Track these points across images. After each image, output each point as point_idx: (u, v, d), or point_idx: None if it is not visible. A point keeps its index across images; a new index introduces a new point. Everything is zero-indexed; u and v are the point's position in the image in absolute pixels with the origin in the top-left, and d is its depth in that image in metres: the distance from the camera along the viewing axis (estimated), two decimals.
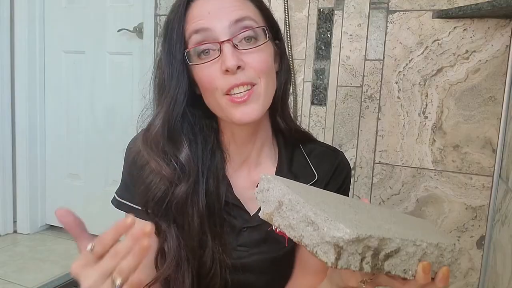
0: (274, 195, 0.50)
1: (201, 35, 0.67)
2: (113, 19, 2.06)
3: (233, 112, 0.67)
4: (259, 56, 0.68)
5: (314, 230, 0.44)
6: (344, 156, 0.83)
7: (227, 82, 0.66)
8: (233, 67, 0.64)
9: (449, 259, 0.53)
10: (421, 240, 0.48)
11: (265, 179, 0.52)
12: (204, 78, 0.68)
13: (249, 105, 0.67)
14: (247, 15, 0.68)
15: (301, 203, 0.46)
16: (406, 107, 1.46)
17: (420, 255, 0.49)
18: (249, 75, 0.67)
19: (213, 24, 0.66)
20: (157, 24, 1.87)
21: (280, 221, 0.49)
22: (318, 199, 0.50)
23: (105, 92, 2.15)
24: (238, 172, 0.77)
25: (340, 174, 0.81)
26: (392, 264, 0.47)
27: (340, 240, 0.42)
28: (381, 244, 0.45)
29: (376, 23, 1.48)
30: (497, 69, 1.34)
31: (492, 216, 1.37)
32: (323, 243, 0.43)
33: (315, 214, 0.44)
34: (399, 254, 0.47)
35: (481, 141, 1.38)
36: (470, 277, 1.43)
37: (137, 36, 1.99)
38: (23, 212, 2.30)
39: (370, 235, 0.43)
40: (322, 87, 1.57)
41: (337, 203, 0.52)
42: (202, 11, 0.67)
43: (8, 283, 1.80)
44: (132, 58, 2.04)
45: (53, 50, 2.25)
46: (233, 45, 0.66)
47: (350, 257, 0.43)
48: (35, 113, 2.28)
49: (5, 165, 2.23)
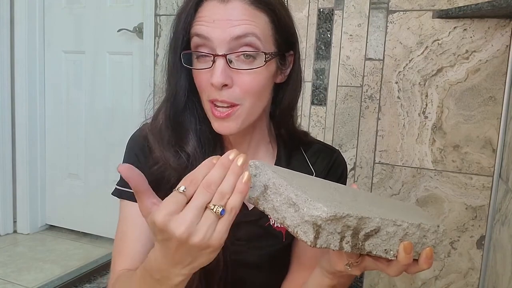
0: (260, 180, 0.50)
1: (201, 40, 0.66)
2: (113, 19, 2.06)
3: (213, 122, 0.69)
4: (251, 78, 0.66)
5: (295, 211, 0.45)
6: (340, 154, 0.84)
7: (212, 94, 0.67)
8: (218, 84, 0.64)
9: (433, 240, 0.52)
10: (402, 221, 0.49)
11: (253, 165, 0.52)
12: (197, 81, 0.69)
13: (227, 122, 0.68)
14: (251, 31, 0.65)
15: (284, 186, 0.47)
16: (406, 107, 1.46)
17: (402, 235, 0.49)
18: (234, 95, 0.66)
19: (214, 34, 0.65)
20: (157, 24, 1.87)
21: (265, 205, 0.49)
22: (303, 182, 0.50)
23: (105, 92, 2.15)
24: None
25: (336, 171, 0.82)
26: (372, 244, 0.48)
27: (318, 218, 0.43)
28: (360, 223, 0.45)
29: (376, 23, 1.48)
30: (497, 69, 1.34)
31: (492, 216, 1.37)
32: (303, 222, 0.44)
33: (296, 196, 0.45)
34: (379, 234, 0.47)
35: (481, 141, 1.38)
36: (470, 277, 1.43)
37: (137, 36, 1.99)
38: (23, 212, 2.30)
39: (348, 214, 0.44)
40: (322, 87, 1.57)
41: (323, 188, 0.53)
42: (209, 17, 0.66)
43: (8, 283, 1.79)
44: (132, 58, 2.04)
45: (53, 50, 2.25)
46: (226, 62, 0.65)
47: (329, 236, 0.44)
48: (35, 113, 2.28)
49: (5, 165, 2.23)
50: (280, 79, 0.74)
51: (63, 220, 2.33)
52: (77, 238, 2.25)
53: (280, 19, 0.69)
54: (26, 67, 2.21)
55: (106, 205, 1.97)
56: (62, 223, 2.33)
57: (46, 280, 1.81)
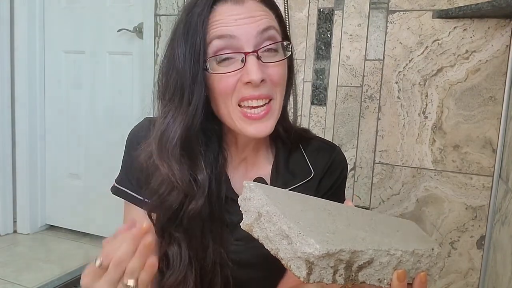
0: (254, 205, 0.49)
1: (224, 42, 0.65)
2: (113, 19, 2.06)
3: (245, 127, 0.67)
4: (279, 70, 0.68)
5: (288, 244, 0.44)
6: (340, 151, 0.84)
7: (246, 92, 0.65)
8: (258, 80, 0.64)
9: (427, 264, 0.52)
10: (395, 249, 0.48)
11: (247, 187, 0.51)
12: (221, 87, 0.66)
13: (264, 122, 0.67)
14: (271, 24, 0.67)
15: (277, 215, 0.46)
16: (406, 107, 1.46)
17: (395, 263, 0.49)
18: (268, 89, 0.67)
19: (240, 32, 0.64)
20: (157, 24, 1.87)
21: (259, 233, 0.48)
22: (297, 208, 0.49)
23: (105, 92, 2.15)
24: (236, 170, 0.79)
25: (336, 169, 0.82)
26: (366, 274, 0.47)
27: (310, 256, 0.42)
28: (353, 256, 0.45)
29: (376, 23, 1.48)
30: (497, 69, 1.34)
31: (492, 216, 1.37)
32: (296, 258, 0.43)
33: (289, 228, 0.44)
34: (372, 264, 0.47)
35: (481, 141, 1.38)
36: (470, 277, 1.43)
37: (137, 36, 1.99)
38: (23, 212, 2.30)
39: (340, 249, 0.43)
40: (322, 87, 1.57)
41: (317, 212, 0.52)
42: (229, 17, 0.65)
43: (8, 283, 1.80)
44: (132, 58, 2.04)
45: (53, 50, 2.25)
46: (257, 57, 0.65)
47: (322, 271, 0.43)
48: (35, 113, 2.28)
49: (5, 165, 2.23)
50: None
51: (63, 220, 2.33)
52: (77, 238, 2.25)
53: (279, 12, 0.73)
54: (26, 67, 2.22)
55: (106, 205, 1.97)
56: (62, 223, 2.34)
57: (46, 280, 1.81)
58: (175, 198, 0.68)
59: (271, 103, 0.68)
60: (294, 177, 0.79)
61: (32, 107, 2.26)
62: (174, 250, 0.70)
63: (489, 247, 1.38)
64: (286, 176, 0.78)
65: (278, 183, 0.77)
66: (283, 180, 0.78)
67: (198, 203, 0.68)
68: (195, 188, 0.68)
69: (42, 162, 2.33)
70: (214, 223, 0.72)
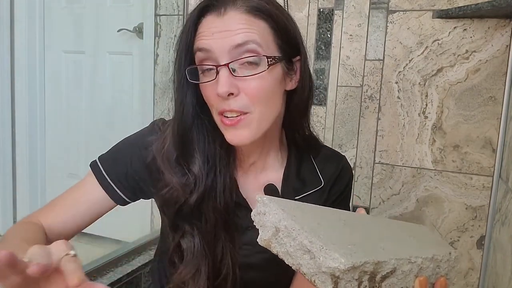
0: (270, 220, 0.49)
1: (203, 54, 0.68)
2: (113, 19, 2.06)
3: (224, 133, 0.69)
4: (257, 84, 0.66)
5: (310, 258, 0.44)
6: (347, 161, 0.86)
7: (221, 105, 0.67)
8: (223, 93, 0.65)
9: (446, 268, 0.53)
10: (416, 257, 0.49)
11: (261, 201, 0.51)
12: (204, 95, 0.70)
13: (238, 130, 0.68)
14: (251, 39, 0.65)
15: (297, 230, 0.46)
16: (406, 107, 1.46)
17: (416, 271, 0.49)
18: (242, 103, 0.66)
19: (214, 46, 0.66)
20: (157, 24, 1.87)
21: (279, 248, 0.48)
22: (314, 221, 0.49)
23: (105, 92, 2.15)
24: (246, 174, 0.79)
25: (344, 178, 0.84)
26: (389, 284, 0.47)
27: (336, 270, 0.42)
28: (377, 267, 0.45)
29: (376, 23, 1.48)
30: (497, 69, 1.34)
31: (492, 216, 1.37)
32: (320, 272, 0.43)
33: (311, 243, 0.44)
34: (395, 274, 0.47)
35: (481, 141, 1.38)
36: (470, 277, 1.43)
37: (137, 36, 1.99)
38: (23, 212, 2.30)
39: (365, 261, 0.43)
40: (322, 87, 1.57)
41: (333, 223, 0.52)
42: (208, 30, 0.67)
43: None
44: (132, 58, 2.04)
45: (53, 50, 2.25)
46: (229, 70, 0.65)
47: (347, 284, 0.43)
48: (35, 113, 2.28)
49: (5, 165, 2.23)
50: (290, 86, 0.74)
51: None
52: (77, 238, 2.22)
53: (279, 23, 0.69)
54: (26, 67, 2.21)
55: None
56: None
57: None
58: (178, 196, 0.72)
59: (246, 116, 0.67)
60: (304, 185, 0.79)
61: (32, 107, 2.26)
62: (188, 242, 0.73)
63: (489, 247, 1.38)
64: (297, 183, 0.79)
65: (289, 190, 0.78)
66: (294, 188, 0.78)
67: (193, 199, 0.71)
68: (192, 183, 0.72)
69: (42, 162, 2.33)
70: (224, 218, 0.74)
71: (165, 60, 1.87)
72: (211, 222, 0.73)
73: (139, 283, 1.45)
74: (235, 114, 0.67)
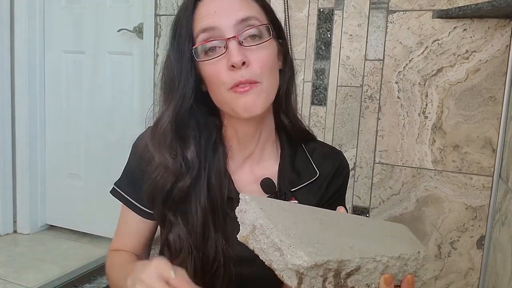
0: (249, 218, 0.52)
1: (208, 34, 0.69)
2: (113, 19, 2.06)
3: (237, 104, 0.69)
4: (263, 53, 0.70)
5: (280, 255, 0.47)
6: (344, 157, 0.86)
7: (232, 78, 0.68)
8: (238, 62, 0.66)
9: (414, 266, 0.55)
10: (381, 255, 0.51)
11: (243, 200, 0.54)
12: (211, 74, 0.70)
13: (251, 96, 0.69)
14: (252, 14, 0.70)
15: (270, 228, 0.49)
16: (406, 107, 1.46)
17: (382, 268, 0.51)
18: (253, 72, 0.69)
19: (219, 22, 0.68)
20: (157, 24, 1.87)
21: (255, 245, 0.51)
22: (289, 220, 0.52)
23: (105, 92, 2.15)
24: (240, 168, 0.79)
25: (341, 174, 0.84)
26: (354, 280, 0.50)
27: (300, 267, 0.45)
28: (341, 265, 0.47)
29: (376, 23, 1.48)
30: (497, 69, 1.34)
31: (492, 216, 1.37)
32: (287, 269, 0.46)
33: (281, 241, 0.47)
34: (360, 271, 0.50)
35: (481, 141, 1.38)
36: (470, 277, 1.43)
37: (137, 36, 1.99)
38: (23, 212, 2.30)
39: (328, 260, 0.46)
40: (322, 87, 1.57)
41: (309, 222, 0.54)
42: (209, 10, 0.70)
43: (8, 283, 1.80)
44: (132, 58, 2.04)
45: (53, 50, 2.25)
46: (238, 42, 0.68)
47: (312, 280, 0.46)
48: (35, 113, 2.28)
49: (5, 165, 2.23)
50: (279, 65, 0.77)
51: (63, 220, 2.33)
52: (77, 238, 2.25)
53: (268, 7, 0.75)
54: (26, 67, 2.21)
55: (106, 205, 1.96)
56: (62, 223, 2.33)
57: (46, 280, 1.81)
58: (166, 179, 0.72)
59: (257, 85, 0.69)
60: (299, 177, 0.80)
61: (32, 107, 2.26)
62: (174, 234, 0.74)
63: (489, 247, 1.38)
64: (292, 176, 0.79)
65: (285, 183, 0.78)
66: (290, 180, 0.79)
67: (185, 182, 0.72)
68: (184, 168, 0.72)
69: (42, 162, 2.33)
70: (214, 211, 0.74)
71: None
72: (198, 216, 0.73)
73: None
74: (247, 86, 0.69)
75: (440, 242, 1.46)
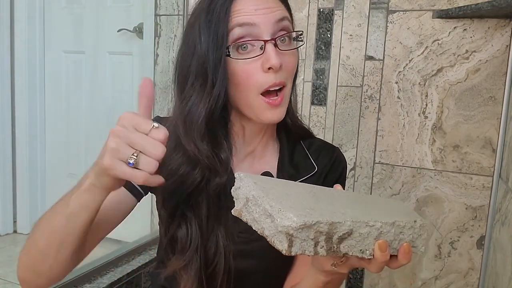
0: (243, 192, 0.53)
1: (244, 30, 0.68)
2: (113, 19, 2.06)
3: (263, 113, 0.71)
4: (293, 58, 0.72)
5: (271, 221, 0.47)
6: (340, 151, 0.88)
7: (267, 80, 0.69)
8: (278, 65, 0.67)
9: (410, 235, 0.54)
10: (374, 220, 0.50)
11: (238, 177, 0.55)
12: (242, 74, 0.70)
13: (280, 109, 0.71)
14: (286, 15, 0.72)
15: (261, 197, 0.49)
16: (406, 107, 1.46)
17: (376, 234, 0.50)
18: (284, 76, 0.70)
19: (259, 20, 0.69)
20: (157, 24, 1.87)
21: (247, 216, 0.52)
22: (282, 191, 0.52)
23: (105, 92, 2.15)
24: (242, 163, 0.80)
25: (338, 168, 0.85)
26: (347, 245, 0.49)
27: (289, 228, 0.45)
28: (332, 228, 0.47)
29: (376, 23, 1.48)
30: (497, 69, 1.34)
31: (492, 216, 1.37)
32: (278, 232, 0.46)
33: (271, 207, 0.47)
34: (352, 236, 0.49)
35: (481, 141, 1.38)
36: (470, 277, 1.43)
37: (137, 36, 1.99)
38: (23, 212, 2.30)
39: (318, 221, 0.46)
40: (322, 87, 1.57)
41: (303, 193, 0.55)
42: (249, 6, 0.69)
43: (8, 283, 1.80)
44: (132, 58, 2.04)
45: (53, 50, 2.25)
46: (275, 45, 0.69)
47: (303, 243, 0.46)
48: (35, 113, 2.28)
49: (5, 165, 2.23)
50: None
51: None
52: None
53: (290, 8, 0.77)
54: (26, 67, 2.22)
55: None
56: None
57: None
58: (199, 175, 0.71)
59: (284, 90, 0.71)
60: (298, 171, 0.81)
61: (32, 107, 2.26)
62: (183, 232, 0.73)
63: (489, 247, 1.38)
64: (290, 170, 0.80)
65: (284, 177, 0.79)
66: (289, 174, 0.79)
67: (222, 179, 0.71)
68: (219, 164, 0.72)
69: (42, 162, 2.33)
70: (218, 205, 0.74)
71: (165, 60, 1.87)
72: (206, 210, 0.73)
73: (139, 283, 1.45)
74: (277, 88, 0.70)
75: (440, 242, 1.46)
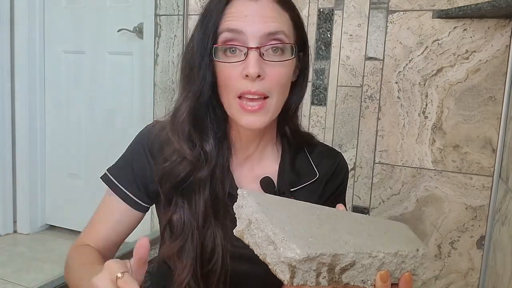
0: (245, 213, 0.52)
1: (232, 35, 0.68)
2: (113, 19, 2.06)
3: (240, 117, 0.70)
4: (280, 70, 0.70)
5: (274, 249, 0.46)
6: (343, 157, 0.87)
7: (243, 86, 0.68)
8: (254, 74, 0.66)
9: (412, 264, 0.54)
10: (377, 251, 0.50)
11: (241, 195, 0.53)
12: (224, 76, 0.70)
13: (257, 116, 0.70)
14: (281, 29, 0.69)
15: (265, 222, 0.48)
16: (406, 107, 1.46)
17: (378, 265, 0.50)
18: (265, 86, 0.68)
19: (247, 28, 0.67)
20: (157, 24, 1.87)
21: (250, 239, 0.51)
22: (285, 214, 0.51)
23: (105, 92, 2.15)
24: (241, 166, 0.80)
25: (340, 174, 0.84)
26: (349, 276, 0.49)
27: (292, 260, 0.44)
28: (334, 259, 0.46)
29: (376, 23, 1.48)
30: (497, 69, 1.34)
31: (492, 216, 1.37)
32: (280, 262, 0.45)
33: (274, 234, 0.46)
34: (355, 267, 0.48)
35: (481, 141, 1.38)
36: (470, 277, 1.43)
37: (137, 36, 1.99)
38: (23, 212, 2.30)
39: (321, 253, 0.45)
40: (322, 87, 1.57)
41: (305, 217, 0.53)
42: (240, 12, 0.68)
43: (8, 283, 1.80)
44: (132, 58, 2.04)
45: (53, 50, 2.25)
46: (259, 54, 0.67)
47: (305, 274, 0.45)
48: (35, 113, 2.28)
49: (5, 165, 2.23)
50: (293, 78, 0.77)
51: (63, 220, 2.33)
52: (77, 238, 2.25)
53: (298, 19, 0.74)
54: (26, 67, 2.21)
55: None
56: (62, 223, 2.33)
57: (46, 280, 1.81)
58: (183, 168, 0.73)
59: (266, 101, 0.70)
60: (299, 177, 0.80)
61: (32, 107, 2.26)
62: (178, 216, 0.74)
63: (489, 247, 1.38)
64: (292, 176, 0.79)
65: (285, 182, 0.78)
66: (289, 180, 0.79)
67: (203, 173, 0.72)
68: (203, 159, 0.72)
69: (42, 162, 2.33)
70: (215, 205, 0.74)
71: (165, 60, 1.87)
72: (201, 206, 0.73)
73: None
74: (256, 97, 0.68)
75: (440, 242, 1.46)
